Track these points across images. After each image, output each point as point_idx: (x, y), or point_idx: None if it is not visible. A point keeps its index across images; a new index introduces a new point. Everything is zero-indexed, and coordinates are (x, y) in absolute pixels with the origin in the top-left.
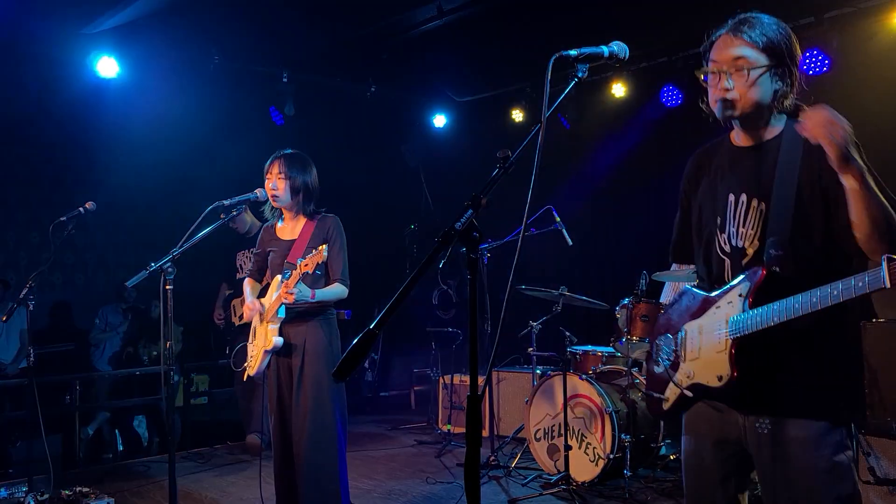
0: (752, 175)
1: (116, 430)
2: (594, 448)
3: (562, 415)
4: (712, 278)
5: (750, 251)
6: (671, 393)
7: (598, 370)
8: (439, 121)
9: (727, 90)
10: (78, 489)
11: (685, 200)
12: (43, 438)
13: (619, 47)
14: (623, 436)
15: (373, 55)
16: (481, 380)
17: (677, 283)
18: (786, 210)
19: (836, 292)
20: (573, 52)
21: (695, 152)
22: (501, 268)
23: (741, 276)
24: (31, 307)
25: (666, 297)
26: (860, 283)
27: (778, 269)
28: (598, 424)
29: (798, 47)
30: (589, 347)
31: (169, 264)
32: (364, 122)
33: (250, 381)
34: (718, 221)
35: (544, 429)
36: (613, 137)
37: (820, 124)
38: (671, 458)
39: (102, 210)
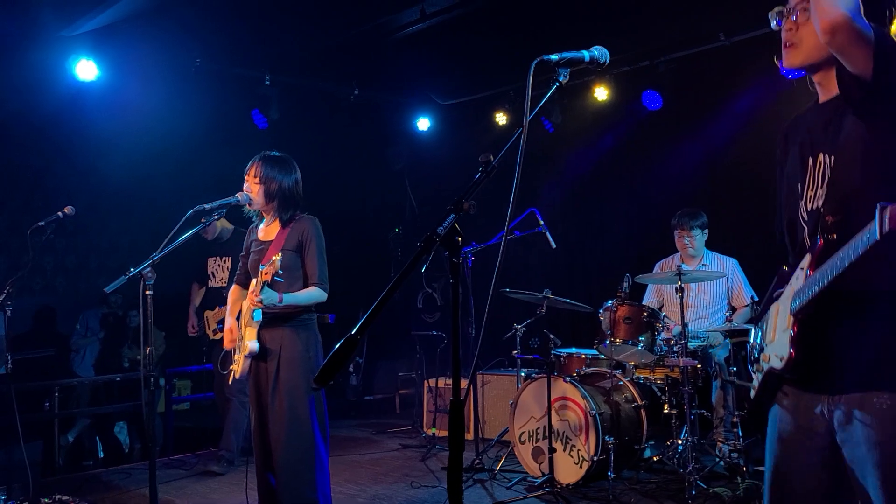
0: (824, 131)
1: (97, 437)
2: (578, 450)
3: (546, 417)
4: (794, 250)
5: (823, 211)
6: (755, 381)
7: (582, 372)
8: (423, 124)
9: (790, 29)
10: (57, 497)
11: (778, 174)
12: (21, 445)
13: (599, 52)
14: (607, 438)
15: (356, 58)
16: (464, 383)
17: (660, 285)
18: (851, 163)
19: (850, 249)
20: (554, 57)
21: (787, 121)
22: (485, 271)
23: (807, 249)
24: (8, 313)
25: (648, 300)
26: (864, 239)
27: (836, 237)
28: (582, 427)
29: None
30: (573, 350)
31: (149, 269)
32: (348, 125)
33: (223, 394)
34: (798, 189)
35: (529, 431)
36: (596, 140)
37: None
38: (654, 459)
39: (83, 213)
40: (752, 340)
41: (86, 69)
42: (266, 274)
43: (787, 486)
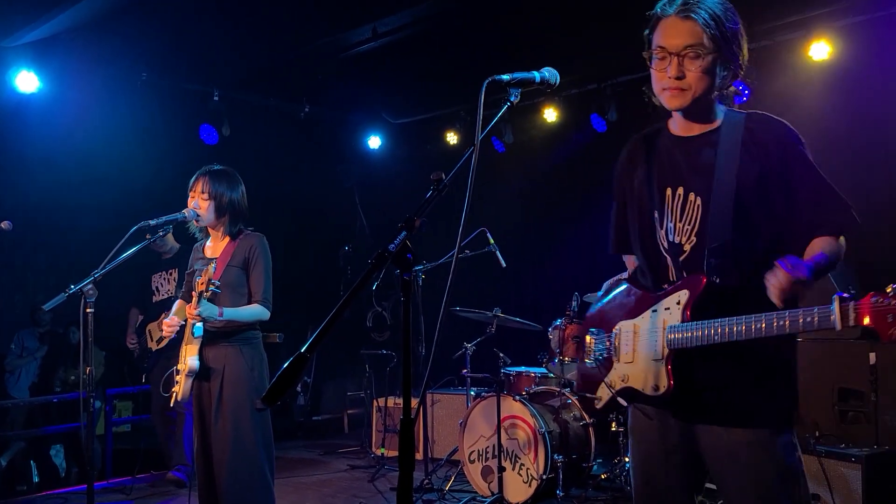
0: (690, 168)
1: (32, 461)
2: (528, 469)
3: (496, 436)
4: (655, 274)
5: (687, 248)
6: (603, 393)
7: (531, 391)
8: (374, 142)
9: (679, 79)
10: None
11: (620, 191)
12: None
13: (549, 73)
14: (556, 456)
15: (307, 76)
16: (415, 402)
17: None
18: (726, 209)
19: (782, 323)
20: (505, 77)
21: (630, 140)
22: (435, 289)
23: (681, 282)
24: None
25: None
26: (808, 319)
27: (718, 280)
28: (531, 445)
29: (742, 25)
30: (522, 368)
31: (90, 286)
32: (298, 142)
33: (170, 411)
34: (656, 215)
35: (478, 451)
36: (545, 161)
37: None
38: (602, 477)
39: (21, 229)
40: (594, 348)
41: (26, 81)
42: (201, 284)
43: (653, 489)
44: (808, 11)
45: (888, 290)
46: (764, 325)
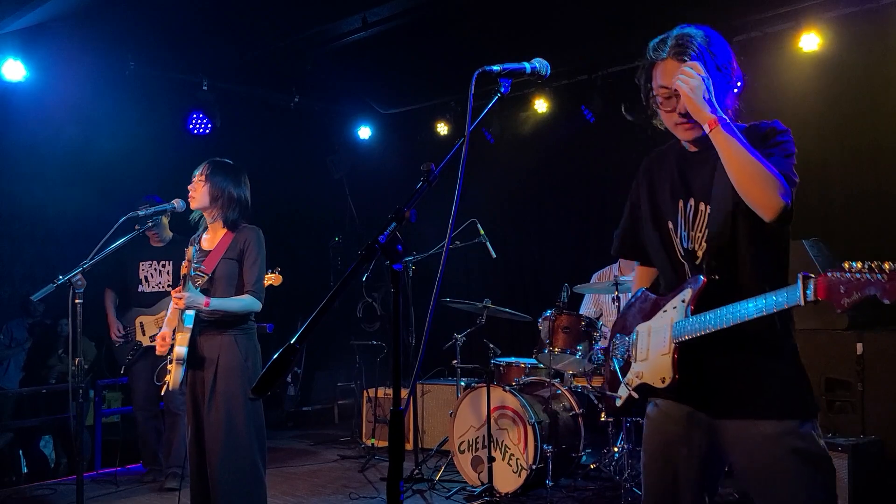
0: (698, 179)
1: (20, 451)
2: (517, 459)
3: (485, 427)
4: (676, 279)
5: (699, 253)
6: (623, 391)
7: (521, 381)
8: (364, 132)
9: (686, 115)
10: None
11: (635, 201)
12: None
13: (540, 64)
14: (545, 446)
15: (297, 65)
16: (405, 393)
17: (597, 295)
18: (724, 213)
19: (760, 305)
20: (496, 68)
21: (647, 156)
22: (426, 280)
23: (686, 283)
24: None
25: (586, 309)
26: (780, 300)
27: (717, 277)
28: (521, 435)
29: (729, 45)
30: (512, 359)
31: (78, 277)
32: (288, 132)
33: (147, 409)
34: (671, 226)
35: (468, 441)
36: (536, 152)
37: (675, 75)
38: (591, 467)
39: (8, 220)
40: (617, 351)
41: (13, 69)
42: (185, 267)
43: (666, 483)
44: (798, 3)
45: (845, 266)
46: (745, 311)
